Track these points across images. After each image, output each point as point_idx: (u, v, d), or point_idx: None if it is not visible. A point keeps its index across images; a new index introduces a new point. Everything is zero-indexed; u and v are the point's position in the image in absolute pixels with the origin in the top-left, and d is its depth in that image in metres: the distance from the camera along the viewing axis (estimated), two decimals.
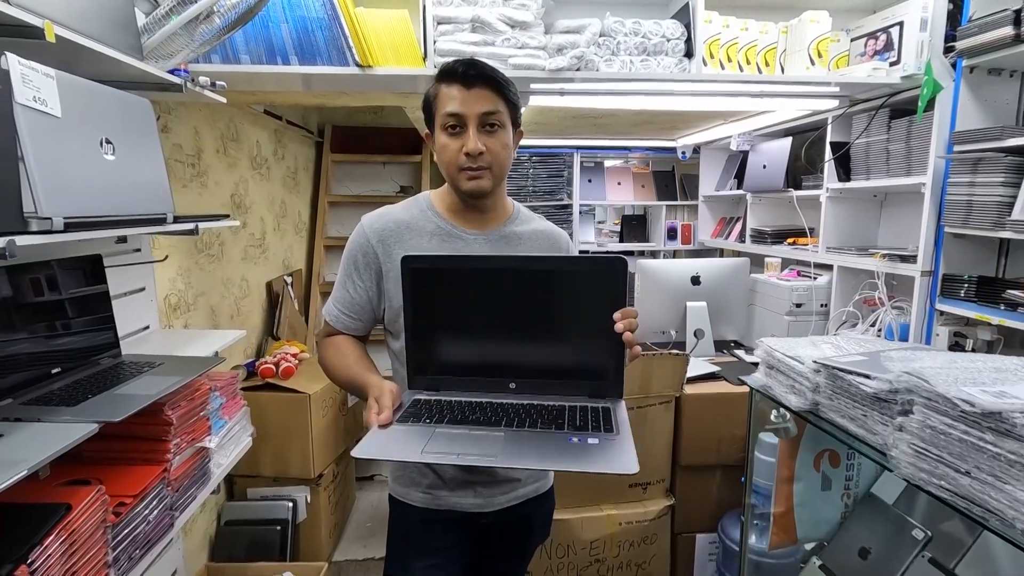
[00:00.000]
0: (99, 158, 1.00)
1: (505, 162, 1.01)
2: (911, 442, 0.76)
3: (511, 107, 1.00)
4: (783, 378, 1.07)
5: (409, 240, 1.04)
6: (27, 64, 0.85)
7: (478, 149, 0.95)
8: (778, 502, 1.30)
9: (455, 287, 0.93)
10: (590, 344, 0.89)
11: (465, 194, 1.01)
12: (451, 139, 0.97)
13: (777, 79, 1.83)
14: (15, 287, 1.05)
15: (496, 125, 0.97)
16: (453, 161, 0.98)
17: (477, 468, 1.06)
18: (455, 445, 0.80)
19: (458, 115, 0.95)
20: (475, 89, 0.95)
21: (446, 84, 0.97)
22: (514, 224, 1.10)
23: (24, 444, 0.85)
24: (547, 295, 0.90)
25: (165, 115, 1.74)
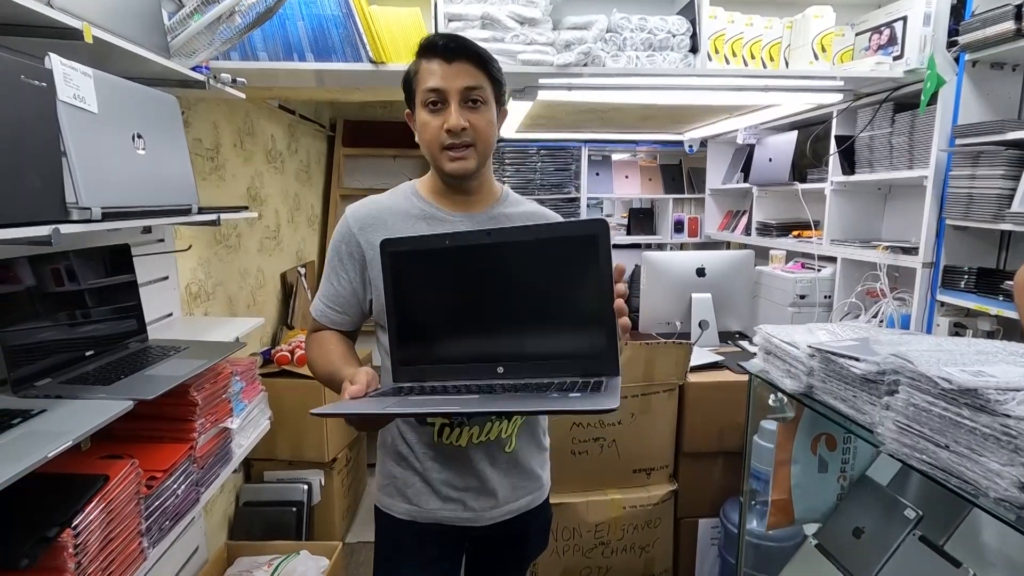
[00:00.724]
0: (132, 152, 1.06)
1: (490, 140, 0.96)
2: (896, 419, 0.80)
3: (495, 83, 0.95)
4: (780, 363, 1.12)
5: (392, 225, 1.00)
6: (68, 64, 0.91)
7: (460, 125, 0.90)
8: (776, 484, 1.34)
9: (435, 269, 0.89)
10: (579, 317, 0.83)
11: (448, 175, 0.96)
12: (432, 116, 0.93)
13: (782, 74, 1.86)
14: (51, 275, 1.11)
15: (479, 101, 0.92)
16: (435, 139, 0.93)
17: (464, 472, 1.00)
18: (424, 406, 0.77)
19: (439, 90, 0.91)
20: (456, 63, 0.91)
21: (426, 59, 0.93)
22: (502, 206, 1.05)
23: (66, 419, 0.92)
24: (529, 267, 0.85)
25: (186, 110, 1.80)
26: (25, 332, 1.04)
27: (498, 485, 1.03)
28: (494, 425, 1.02)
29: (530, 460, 1.08)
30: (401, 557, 1.07)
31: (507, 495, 1.04)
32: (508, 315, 0.87)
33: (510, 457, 1.04)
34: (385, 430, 1.07)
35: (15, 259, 1.02)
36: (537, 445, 1.10)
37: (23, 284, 1.05)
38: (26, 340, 1.04)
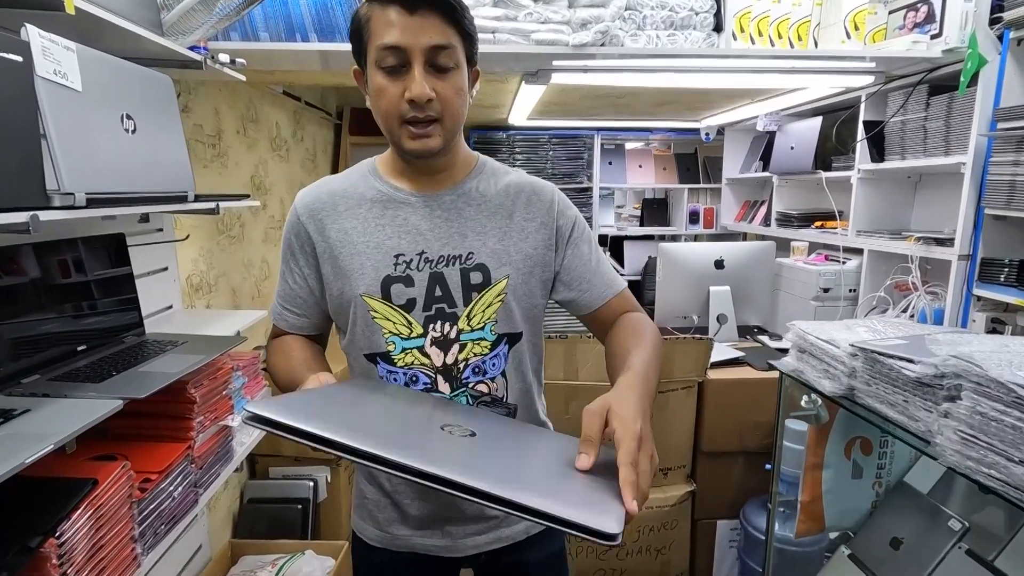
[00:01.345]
0: (120, 134, 0.99)
1: (459, 112, 0.79)
2: (958, 429, 0.72)
3: (467, 40, 0.78)
4: (816, 362, 1.04)
5: (344, 211, 0.86)
6: (47, 36, 0.83)
7: (425, 95, 0.74)
8: (806, 489, 1.27)
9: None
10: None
11: (409, 154, 0.81)
12: (389, 81, 0.75)
13: (810, 54, 1.76)
14: (40, 265, 1.05)
15: (449, 64, 0.75)
16: (392, 111, 0.76)
17: (440, 495, 0.71)
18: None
19: (399, 48, 0.73)
20: (420, 14, 0.72)
21: (380, 4, 0.74)
22: (474, 179, 0.88)
23: (50, 419, 0.85)
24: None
25: (186, 94, 1.73)
26: (11, 326, 0.98)
27: (481, 510, 0.88)
28: None
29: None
30: None
31: (493, 522, 0.91)
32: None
33: None
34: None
35: (1, 248, 0.95)
36: None
37: (10, 276, 0.99)
38: (12, 335, 0.98)
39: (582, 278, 0.90)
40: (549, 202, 0.90)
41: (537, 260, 0.88)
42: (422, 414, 0.71)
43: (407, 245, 0.85)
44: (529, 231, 0.88)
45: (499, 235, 0.87)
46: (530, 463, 0.64)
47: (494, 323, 0.87)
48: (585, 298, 0.91)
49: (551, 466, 0.62)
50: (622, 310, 0.91)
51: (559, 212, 0.90)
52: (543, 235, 0.89)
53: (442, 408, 0.74)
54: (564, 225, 0.90)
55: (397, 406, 0.75)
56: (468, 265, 0.85)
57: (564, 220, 0.90)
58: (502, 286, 0.86)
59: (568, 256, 0.90)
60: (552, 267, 0.90)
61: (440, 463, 0.52)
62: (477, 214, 0.87)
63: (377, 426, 0.65)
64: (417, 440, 0.63)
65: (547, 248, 0.89)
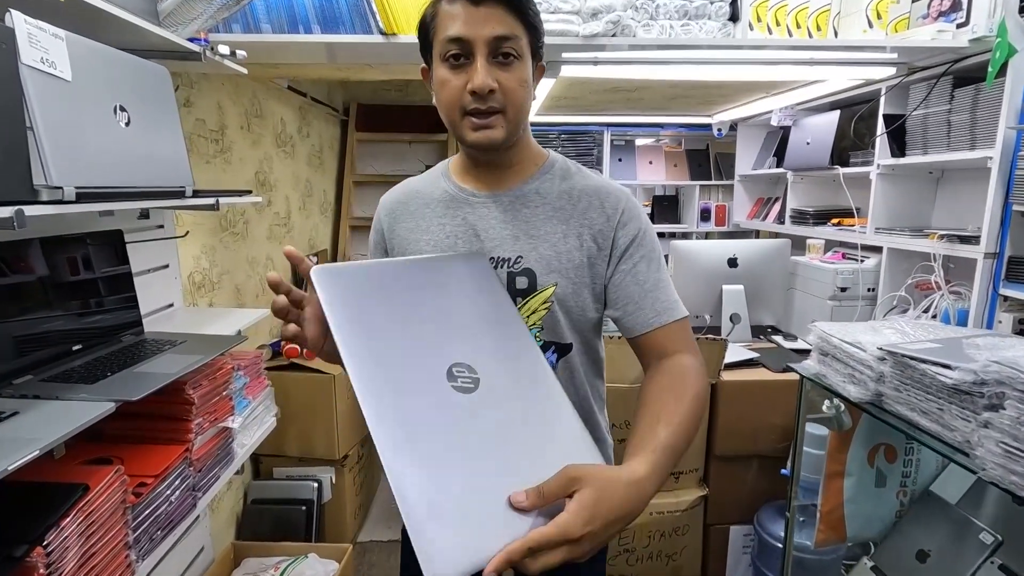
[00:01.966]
0: (113, 126, 0.95)
1: (523, 103, 0.78)
2: (1001, 441, 0.67)
3: (531, 32, 0.77)
4: (840, 366, 0.98)
5: (416, 210, 0.89)
6: (33, 23, 0.80)
7: (488, 85, 0.73)
8: (826, 498, 1.21)
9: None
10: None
11: (472, 147, 0.81)
12: (453, 73, 0.75)
13: (830, 44, 1.69)
14: (35, 262, 1.02)
15: (512, 55, 0.75)
16: (455, 102, 0.76)
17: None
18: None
19: (462, 40, 0.73)
20: (485, 6, 0.73)
21: (447, 0, 0.76)
22: (539, 180, 0.86)
23: (39, 422, 0.82)
24: None
25: (188, 88, 1.70)
26: (3, 325, 0.95)
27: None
28: None
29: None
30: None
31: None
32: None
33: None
34: None
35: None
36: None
37: (2, 274, 0.95)
38: (5, 334, 0.95)
39: (629, 298, 0.83)
40: (612, 211, 0.84)
41: (588, 271, 0.84)
42: (446, 336, 0.65)
43: (463, 245, 0.85)
44: (584, 239, 0.83)
45: (552, 240, 0.83)
46: (484, 455, 0.58)
47: (539, 329, 0.84)
48: (629, 321, 0.83)
49: (500, 470, 0.57)
50: (671, 346, 0.81)
51: (620, 223, 0.84)
52: (597, 245, 0.84)
53: (469, 330, 0.67)
54: (622, 237, 0.84)
55: (424, 316, 0.67)
56: (515, 269, 0.83)
57: (624, 232, 0.84)
58: (548, 293, 0.83)
59: (619, 271, 0.84)
60: (603, 280, 0.85)
61: (400, 445, 0.53)
62: (533, 216, 0.84)
63: (391, 350, 0.61)
64: (412, 387, 0.59)
65: (600, 259, 0.84)
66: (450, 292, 0.72)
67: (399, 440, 0.55)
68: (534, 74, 0.81)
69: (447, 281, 0.73)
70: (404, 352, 0.62)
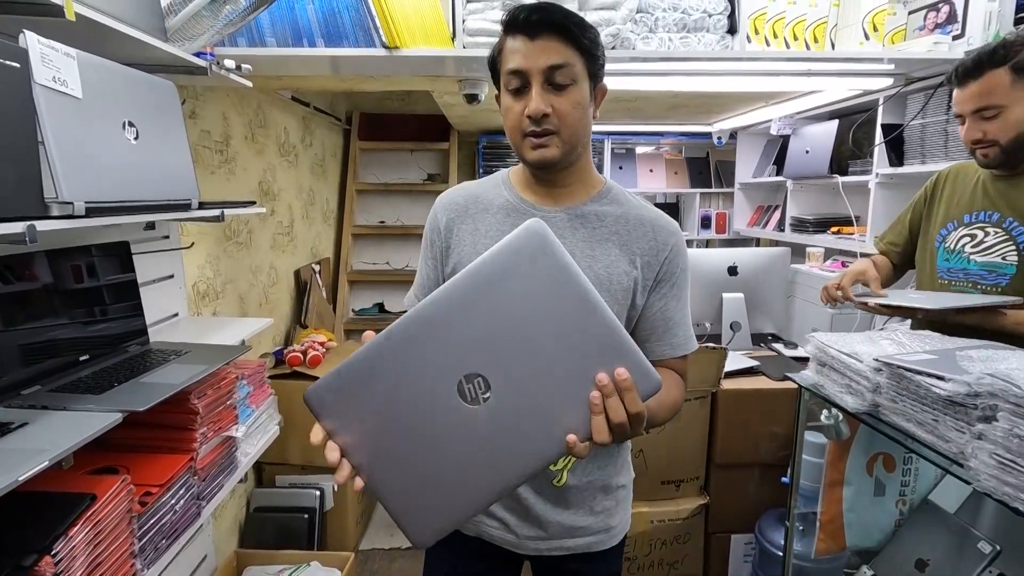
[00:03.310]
0: (122, 141, 0.97)
1: (577, 124, 0.84)
2: (994, 452, 0.68)
3: (588, 57, 0.83)
4: (838, 376, 0.99)
5: (476, 214, 0.93)
6: (46, 43, 0.82)
7: (540, 111, 0.80)
8: (826, 507, 1.22)
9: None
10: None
11: (530, 165, 0.87)
12: (514, 100, 0.83)
13: (827, 56, 1.71)
14: (43, 273, 1.04)
15: (566, 81, 0.81)
16: (516, 126, 0.84)
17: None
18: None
19: (520, 72, 0.81)
20: (541, 39, 0.80)
21: (510, 36, 0.83)
22: (599, 203, 0.91)
23: (48, 433, 0.84)
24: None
25: (193, 100, 1.72)
26: (13, 336, 0.96)
27: (547, 517, 0.93)
28: None
29: (591, 500, 0.95)
30: (444, 560, 1.02)
31: (559, 531, 0.94)
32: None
33: (560, 492, 0.93)
34: None
35: (2, 258, 0.94)
36: (604, 484, 0.96)
37: (11, 285, 0.97)
38: (14, 344, 0.96)
39: (652, 330, 0.91)
40: (663, 245, 0.90)
41: (631, 295, 0.89)
42: (452, 357, 0.64)
43: None
44: (636, 265, 0.89)
45: (607, 261, 0.88)
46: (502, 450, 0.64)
47: None
48: (645, 348, 0.89)
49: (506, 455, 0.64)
50: (672, 367, 0.92)
51: (668, 258, 0.90)
52: (643, 273, 0.89)
53: (475, 341, 0.64)
54: (664, 272, 0.90)
55: (424, 360, 0.66)
56: None
57: (667, 268, 0.90)
58: None
59: (650, 303, 0.90)
60: (639, 307, 0.91)
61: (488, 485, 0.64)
62: (591, 236, 0.89)
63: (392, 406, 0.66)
64: (423, 418, 0.64)
65: (642, 287, 0.89)
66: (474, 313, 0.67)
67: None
68: (594, 95, 0.87)
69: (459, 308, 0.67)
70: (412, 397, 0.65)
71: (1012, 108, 1.15)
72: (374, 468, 0.67)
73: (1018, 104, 1.15)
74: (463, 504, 0.66)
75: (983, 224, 1.29)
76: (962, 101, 1.21)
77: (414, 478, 0.66)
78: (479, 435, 0.64)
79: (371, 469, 0.67)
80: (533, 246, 0.62)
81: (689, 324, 0.94)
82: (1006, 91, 1.14)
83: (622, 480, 1.00)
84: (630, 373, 0.61)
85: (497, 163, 3.50)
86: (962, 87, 1.20)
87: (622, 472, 1.01)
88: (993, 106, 1.16)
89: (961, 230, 1.35)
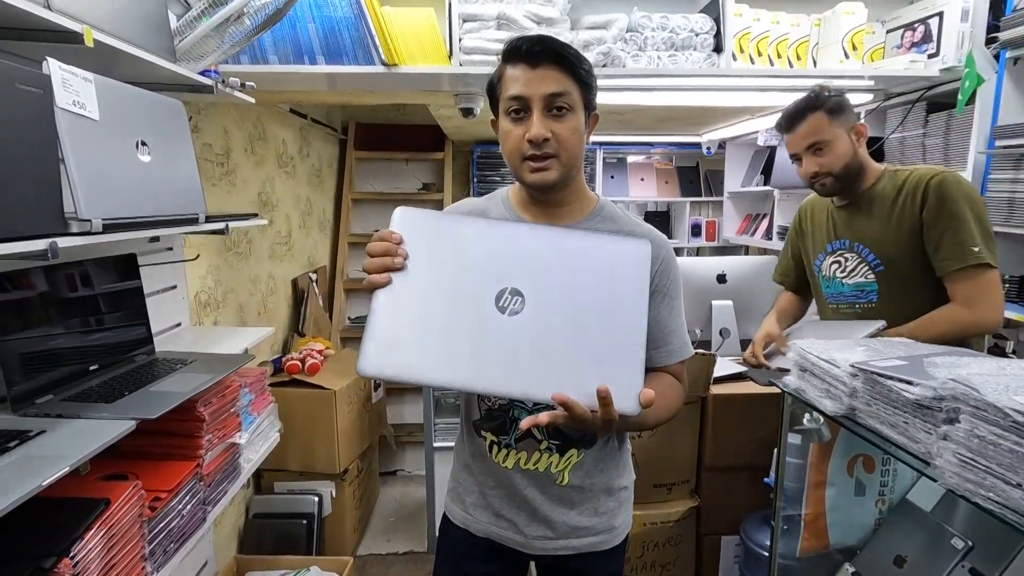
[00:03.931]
0: (135, 160, 1.02)
1: (575, 149, 0.89)
2: (957, 451, 0.73)
3: (583, 87, 0.88)
4: (818, 382, 1.04)
5: None
6: (67, 69, 0.86)
7: (542, 135, 0.85)
8: (809, 506, 1.27)
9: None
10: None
11: (530, 187, 0.91)
12: (514, 125, 0.88)
13: (809, 73, 1.78)
14: (54, 285, 1.08)
15: (564, 108, 0.86)
16: (516, 149, 0.88)
17: (513, 494, 0.98)
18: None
19: (521, 98, 0.85)
20: (541, 68, 0.85)
21: (511, 64, 0.88)
22: (594, 221, 0.96)
23: (65, 441, 0.87)
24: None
25: (195, 115, 1.77)
26: (26, 346, 1.00)
27: (554, 517, 0.98)
28: (542, 456, 0.97)
29: (593, 500, 1.00)
30: (454, 562, 1.06)
31: (565, 531, 0.99)
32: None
33: (564, 492, 0.98)
34: (459, 436, 1.07)
35: (16, 270, 0.98)
36: (606, 486, 1.01)
37: (25, 296, 1.01)
38: (27, 354, 1.00)
39: (651, 339, 0.92)
40: (655, 258, 0.92)
41: None
42: (491, 273, 0.76)
43: None
44: None
45: None
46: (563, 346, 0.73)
47: None
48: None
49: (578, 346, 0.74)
50: (670, 371, 0.97)
51: (659, 271, 0.95)
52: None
53: (509, 257, 0.77)
54: (658, 286, 0.94)
55: (472, 261, 0.78)
56: None
57: (659, 281, 0.95)
58: None
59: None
60: None
61: (477, 373, 0.72)
62: None
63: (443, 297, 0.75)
64: (465, 328, 0.74)
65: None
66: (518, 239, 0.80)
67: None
68: (588, 123, 0.93)
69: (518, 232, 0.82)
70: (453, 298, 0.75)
71: (835, 143, 1.34)
72: (393, 292, 0.74)
73: (839, 140, 1.34)
74: (434, 367, 0.72)
75: (842, 251, 1.46)
76: (795, 142, 1.38)
77: (413, 323, 0.72)
78: (491, 334, 0.72)
79: (390, 291, 0.74)
80: (636, 256, 0.78)
81: (684, 331, 0.98)
82: (827, 128, 1.33)
83: (624, 482, 1.05)
84: (615, 388, 0.70)
85: (491, 173, 3.56)
86: (792, 131, 1.38)
87: (624, 474, 1.05)
88: (821, 141, 1.34)
89: (829, 258, 1.51)
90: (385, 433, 2.78)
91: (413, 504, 2.76)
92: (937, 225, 1.28)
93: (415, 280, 0.75)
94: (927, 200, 1.29)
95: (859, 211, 1.40)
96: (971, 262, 1.27)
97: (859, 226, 1.40)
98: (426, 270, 0.76)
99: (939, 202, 1.28)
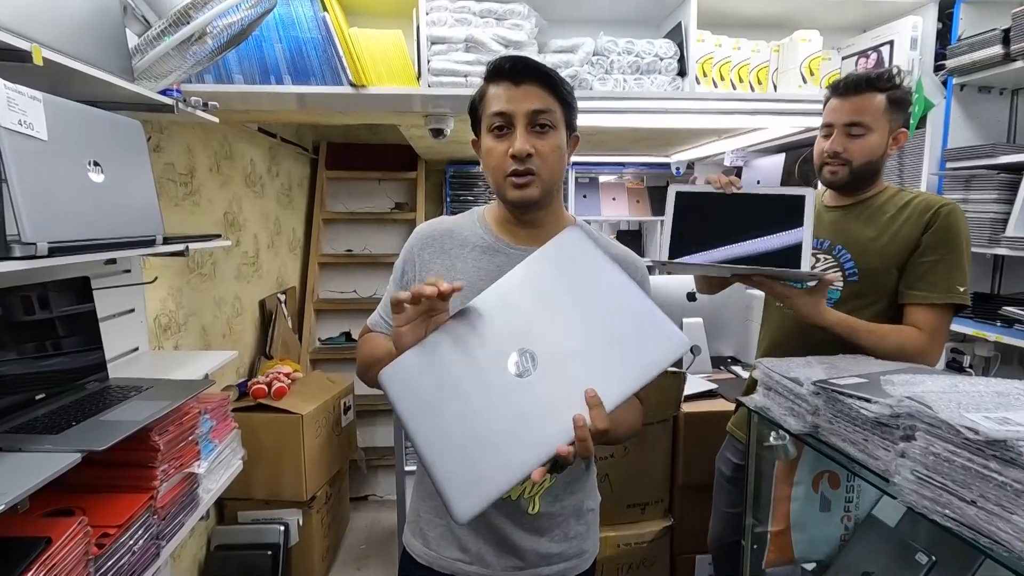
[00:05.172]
0: (86, 181, 0.98)
1: (556, 167, 0.90)
2: (914, 468, 0.74)
3: (565, 107, 0.90)
4: (782, 400, 1.06)
5: (450, 249, 0.97)
6: (13, 88, 0.83)
7: (525, 150, 0.85)
8: (776, 521, 1.27)
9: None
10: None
11: (511, 204, 0.92)
12: (497, 141, 0.88)
13: (769, 97, 1.84)
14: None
15: (547, 125, 0.87)
16: (499, 166, 0.88)
17: (481, 525, 0.94)
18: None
19: (505, 114, 0.86)
20: (525, 86, 0.86)
21: (494, 83, 0.89)
22: None
23: (3, 476, 0.82)
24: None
25: (157, 134, 1.73)
26: None
27: (523, 545, 0.95)
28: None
29: (564, 525, 0.98)
30: None
31: (535, 559, 0.96)
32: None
33: (535, 520, 0.95)
34: (421, 470, 1.03)
35: None
36: (576, 509, 1.00)
37: None
38: None
39: None
40: (635, 277, 0.93)
41: None
42: (494, 359, 0.74)
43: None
44: None
45: None
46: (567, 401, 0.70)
47: None
48: None
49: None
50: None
51: (644, 285, 0.97)
52: None
53: (493, 335, 0.75)
54: None
55: (475, 351, 0.75)
56: None
57: None
58: None
59: None
60: None
61: (539, 440, 0.68)
62: None
63: (449, 397, 0.73)
64: (503, 415, 0.71)
65: None
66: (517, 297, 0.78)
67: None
68: (569, 143, 0.94)
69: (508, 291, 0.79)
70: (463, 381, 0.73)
71: (874, 133, 1.24)
72: (425, 433, 0.71)
73: (880, 132, 1.24)
74: (509, 467, 0.68)
75: (818, 251, 1.38)
76: (839, 110, 1.27)
77: (466, 452, 0.70)
78: (525, 403, 0.70)
79: (423, 435, 0.71)
80: (572, 239, 0.77)
81: None
82: (877, 115, 1.23)
83: (591, 504, 1.04)
84: (656, 339, 0.71)
85: (464, 192, 3.56)
86: (843, 98, 1.27)
87: (592, 495, 1.04)
88: (862, 124, 1.24)
89: None
90: (356, 457, 2.72)
91: (384, 531, 2.69)
92: (936, 251, 1.24)
93: (440, 409, 0.72)
94: (934, 224, 1.24)
95: (854, 217, 1.34)
96: (952, 300, 1.23)
97: (849, 231, 1.33)
98: (439, 392, 0.73)
99: (946, 230, 1.23)
